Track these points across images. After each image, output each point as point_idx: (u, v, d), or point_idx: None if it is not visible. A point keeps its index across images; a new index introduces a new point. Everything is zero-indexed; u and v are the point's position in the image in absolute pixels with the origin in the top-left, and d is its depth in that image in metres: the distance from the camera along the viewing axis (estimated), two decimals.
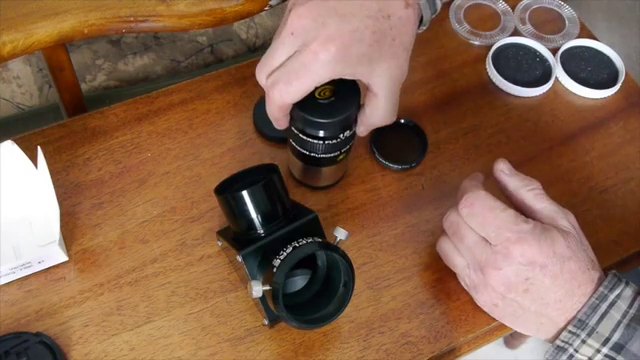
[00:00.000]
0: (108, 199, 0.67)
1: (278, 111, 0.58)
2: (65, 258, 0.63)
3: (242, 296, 0.63)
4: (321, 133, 0.60)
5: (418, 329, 0.62)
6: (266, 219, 0.58)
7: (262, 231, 0.58)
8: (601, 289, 0.55)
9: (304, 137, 0.61)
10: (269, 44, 0.57)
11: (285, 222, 0.58)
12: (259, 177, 0.59)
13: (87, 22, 0.73)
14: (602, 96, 0.78)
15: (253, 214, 0.58)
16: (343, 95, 0.60)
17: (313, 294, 0.59)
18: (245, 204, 0.57)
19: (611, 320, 0.55)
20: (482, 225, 0.57)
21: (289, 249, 0.54)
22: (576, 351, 0.55)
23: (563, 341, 0.56)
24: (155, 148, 0.71)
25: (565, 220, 0.58)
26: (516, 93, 0.77)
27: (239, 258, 0.57)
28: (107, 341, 0.60)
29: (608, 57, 0.80)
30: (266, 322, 0.60)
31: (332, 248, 0.56)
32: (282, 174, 0.60)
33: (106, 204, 0.67)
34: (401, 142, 0.72)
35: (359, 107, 0.61)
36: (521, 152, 0.73)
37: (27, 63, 1.21)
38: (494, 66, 0.78)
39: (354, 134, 0.63)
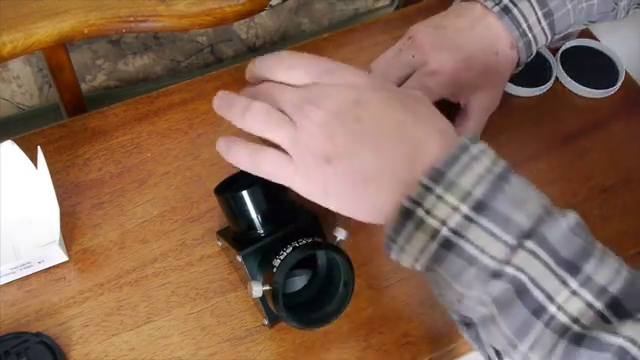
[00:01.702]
0: (108, 199, 0.67)
1: None
2: (65, 258, 0.63)
3: (242, 296, 0.63)
4: None
5: (418, 329, 0.62)
6: (266, 219, 0.58)
7: (262, 231, 0.58)
8: (464, 140, 0.45)
9: None
10: (269, 44, 0.58)
11: (285, 222, 0.58)
12: (259, 177, 0.59)
13: (87, 22, 0.73)
14: (602, 96, 0.78)
15: (253, 214, 0.58)
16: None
17: (313, 294, 0.59)
18: (245, 204, 0.57)
19: (473, 173, 0.44)
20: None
21: (289, 249, 0.54)
22: (427, 212, 0.43)
23: (412, 200, 0.44)
24: (155, 148, 0.71)
25: None
26: (516, 93, 0.77)
27: (239, 258, 0.57)
28: (107, 341, 0.60)
29: (608, 57, 0.80)
30: (266, 322, 0.60)
31: (332, 248, 0.56)
32: None
33: (106, 204, 0.67)
34: None
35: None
36: (521, 152, 0.73)
37: (27, 63, 1.21)
38: None
39: None
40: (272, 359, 0.60)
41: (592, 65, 0.80)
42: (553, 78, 0.78)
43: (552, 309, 0.41)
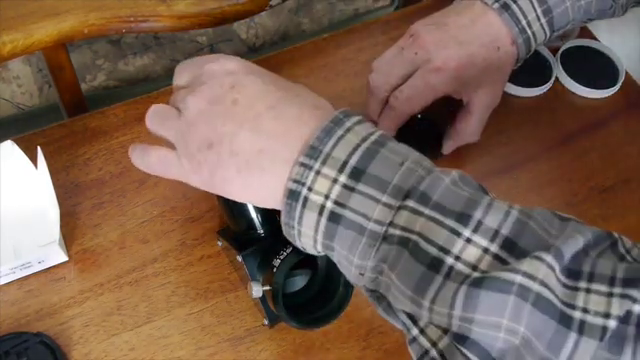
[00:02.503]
0: (108, 199, 0.67)
1: (396, 121, 0.66)
2: (65, 258, 0.63)
3: (242, 296, 0.63)
4: None
5: None
6: (266, 219, 0.58)
7: (262, 231, 0.58)
8: (336, 114, 0.45)
9: None
10: (269, 44, 0.58)
11: None
12: None
13: (87, 22, 0.73)
14: (602, 96, 0.78)
15: (253, 214, 0.58)
16: None
17: (313, 294, 0.59)
18: (245, 204, 0.57)
19: (348, 144, 0.44)
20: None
21: (289, 249, 0.54)
22: (310, 190, 0.43)
23: (295, 181, 0.44)
24: None
25: None
26: (516, 93, 0.77)
27: (239, 258, 0.57)
28: (107, 341, 0.60)
29: (608, 57, 0.80)
30: (266, 322, 0.60)
31: None
32: None
33: (106, 204, 0.67)
34: (416, 137, 0.71)
35: None
36: (521, 152, 0.73)
37: (27, 63, 1.21)
38: None
39: None
40: (272, 359, 0.60)
41: (592, 65, 0.80)
42: (553, 78, 0.78)
43: (449, 260, 0.40)
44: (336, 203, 0.43)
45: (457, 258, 0.40)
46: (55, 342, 0.59)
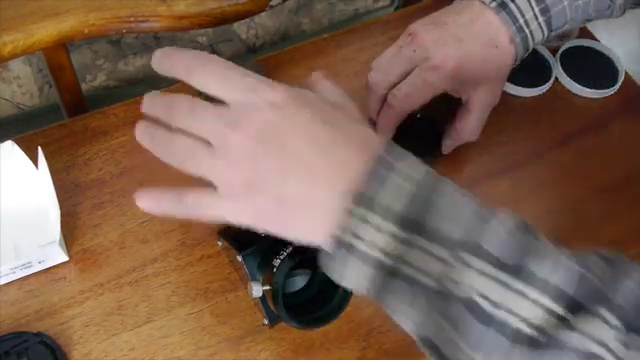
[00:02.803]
0: (108, 199, 0.67)
1: (395, 119, 0.66)
2: (65, 258, 0.63)
3: (242, 296, 0.63)
4: None
5: None
6: None
7: (262, 231, 0.58)
8: (381, 153, 0.43)
9: None
10: (269, 44, 0.58)
11: None
12: None
13: (87, 22, 0.73)
14: (602, 96, 0.78)
15: None
16: None
17: (313, 294, 0.59)
18: None
19: (399, 190, 0.41)
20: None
21: (289, 249, 0.54)
22: (356, 237, 0.41)
23: (339, 226, 0.42)
24: None
25: None
26: (516, 93, 0.77)
27: (239, 258, 0.57)
28: (107, 341, 0.60)
29: (608, 57, 0.81)
30: (266, 322, 0.60)
31: None
32: None
33: (106, 204, 0.67)
34: (416, 137, 0.71)
35: None
36: (521, 152, 0.74)
37: (27, 63, 1.21)
38: None
39: None
40: (272, 359, 0.60)
41: (592, 65, 0.80)
42: (553, 78, 0.78)
43: (501, 315, 0.39)
44: (384, 253, 0.41)
45: (510, 312, 0.39)
46: (55, 342, 0.59)
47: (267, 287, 0.55)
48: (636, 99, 0.78)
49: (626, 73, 0.79)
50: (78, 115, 0.73)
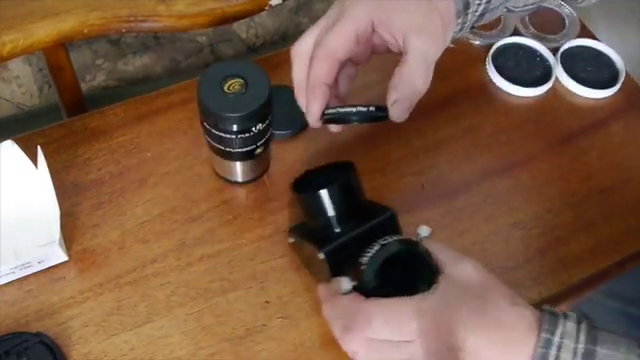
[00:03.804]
0: (108, 199, 0.67)
1: (325, 65, 0.61)
2: (65, 258, 0.63)
3: (242, 296, 0.63)
4: (234, 127, 0.61)
5: None
6: (345, 216, 0.58)
7: (339, 229, 0.58)
8: (543, 335, 0.48)
9: (217, 132, 0.62)
10: (269, 44, 0.58)
11: (363, 219, 0.58)
12: (338, 174, 0.59)
13: (87, 22, 0.73)
14: (602, 96, 0.78)
15: (331, 212, 0.58)
16: (253, 87, 0.61)
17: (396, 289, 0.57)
18: (324, 203, 0.58)
19: None
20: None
21: (376, 247, 0.54)
22: None
23: None
24: (155, 148, 0.71)
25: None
26: (516, 93, 0.77)
27: (321, 256, 0.57)
28: (107, 341, 0.60)
29: (608, 57, 0.81)
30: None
31: (416, 245, 0.55)
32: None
33: (106, 204, 0.67)
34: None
35: (270, 100, 0.61)
36: (521, 152, 0.74)
37: (27, 63, 1.21)
38: (494, 66, 0.78)
39: (269, 127, 0.64)
40: (272, 359, 0.60)
41: (592, 65, 0.80)
42: (553, 78, 0.78)
43: None
44: None
45: None
46: (55, 342, 0.59)
47: (355, 283, 0.54)
48: (636, 99, 0.78)
49: (626, 73, 0.79)
50: (78, 115, 0.73)
